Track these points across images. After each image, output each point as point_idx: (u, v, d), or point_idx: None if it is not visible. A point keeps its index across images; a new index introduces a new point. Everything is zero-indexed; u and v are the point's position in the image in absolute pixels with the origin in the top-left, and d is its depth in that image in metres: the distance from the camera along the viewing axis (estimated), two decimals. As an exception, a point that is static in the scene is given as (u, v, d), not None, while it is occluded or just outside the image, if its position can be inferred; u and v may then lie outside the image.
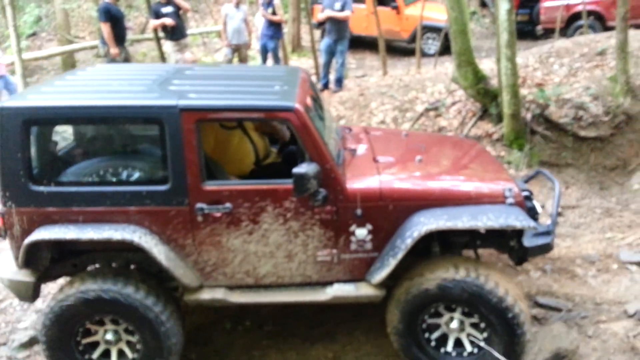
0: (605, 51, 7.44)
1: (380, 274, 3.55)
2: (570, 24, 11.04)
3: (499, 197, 3.62)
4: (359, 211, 3.53)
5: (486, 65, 7.97)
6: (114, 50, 7.80)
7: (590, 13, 10.61)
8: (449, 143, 4.73)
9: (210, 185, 3.50)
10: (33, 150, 3.48)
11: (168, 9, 8.15)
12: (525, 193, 3.80)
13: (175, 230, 3.53)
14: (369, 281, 3.65)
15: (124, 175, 3.62)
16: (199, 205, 3.47)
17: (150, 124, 3.52)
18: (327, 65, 8.76)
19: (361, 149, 4.15)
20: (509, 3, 6.31)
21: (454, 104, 7.59)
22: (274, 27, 8.83)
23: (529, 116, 6.64)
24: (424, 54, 11.29)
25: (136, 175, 3.61)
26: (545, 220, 4.35)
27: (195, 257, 3.61)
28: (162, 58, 8.61)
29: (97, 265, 3.95)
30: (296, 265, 3.66)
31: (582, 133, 6.55)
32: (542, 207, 4.86)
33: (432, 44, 12.12)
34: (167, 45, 8.38)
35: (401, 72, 9.71)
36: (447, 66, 9.36)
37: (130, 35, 9.84)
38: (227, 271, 3.67)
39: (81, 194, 3.48)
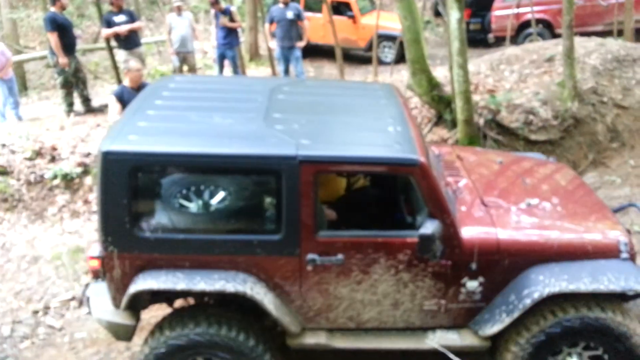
0: (553, 58, 7.68)
1: (492, 329, 3.46)
2: (520, 31, 11.37)
3: (614, 251, 3.52)
4: (473, 265, 3.42)
5: (440, 73, 8.10)
6: (62, 59, 7.58)
7: (539, 21, 10.95)
8: (545, 171, 4.46)
9: (324, 236, 3.37)
10: (139, 196, 3.31)
11: (121, 18, 7.98)
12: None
13: (284, 278, 3.41)
14: (475, 331, 3.56)
15: (235, 223, 3.48)
16: (311, 256, 3.35)
17: (267, 174, 3.35)
18: (286, 72, 8.76)
19: (463, 185, 3.94)
20: (460, 12, 6.43)
21: (410, 110, 7.68)
22: (232, 36, 8.77)
23: (481, 121, 6.77)
24: (381, 62, 11.41)
25: (247, 223, 3.49)
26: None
27: (300, 303, 3.50)
28: (115, 68, 8.43)
29: (189, 301, 3.89)
30: (401, 313, 3.57)
31: (533, 137, 6.72)
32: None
33: (389, 52, 12.28)
34: (120, 55, 8.21)
35: (359, 80, 9.78)
36: (403, 74, 9.47)
37: (81, 45, 9.62)
38: (330, 316, 3.57)
39: (189, 242, 3.34)
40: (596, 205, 3.99)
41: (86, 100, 8.04)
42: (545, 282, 3.33)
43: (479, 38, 12.54)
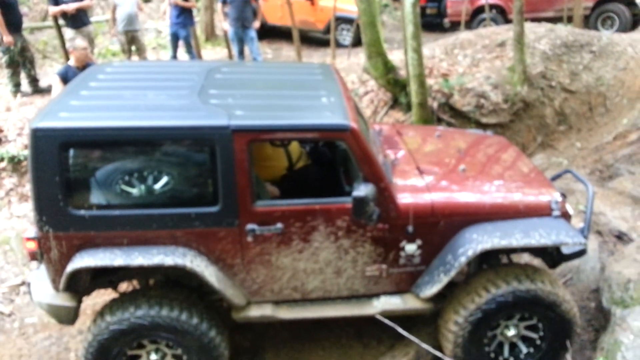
0: (505, 43, 7.86)
1: (431, 289, 3.54)
2: (475, 16, 11.56)
3: (545, 210, 3.63)
4: (410, 228, 3.49)
5: (397, 57, 8.18)
6: (7, 38, 7.28)
7: (492, 6, 11.16)
8: (483, 144, 4.58)
9: (262, 206, 3.36)
10: (71, 173, 3.21)
11: (68, -5, 7.70)
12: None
13: (224, 250, 3.40)
14: (417, 294, 3.64)
15: (171, 196, 3.40)
16: (250, 226, 3.35)
17: (201, 145, 3.31)
18: (241, 54, 8.66)
19: (401, 156, 4.03)
20: (414, -4, 6.50)
21: (366, 93, 7.74)
22: (185, 15, 8.57)
23: (435, 105, 6.91)
24: (339, 45, 11.41)
25: (184, 196, 3.41)
26: (576, 223, 4.31)
27: (244, 276, 3.50)
28: (63, 47, 8.14)
29: (133, 282, 3.84)
30: (344, 280, 3.60)
31: (484, 120, 6.90)
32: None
33: (347, 35, 12.27)
34: (68, 33, 7.94)
35: (317, 62, 9.77)
36: (361, 57, 9.52)
37: (28, 23, 9.24)
38: (274, 288, 3.58)
39: (125, 217, 3.27)
40: (531, 171, 4.15)
41: (34, 80, 7.76)
42: (479, 239, 3.44)
43: (435, 22, 12.67)
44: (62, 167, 3.17)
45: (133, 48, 8.60)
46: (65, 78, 5.69)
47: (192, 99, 3.49)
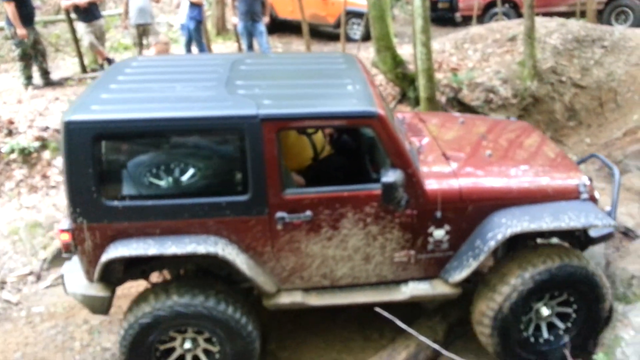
0: (516, 37, 7.79)
1: (461, 274, 3.56)
2: (487, 11, 11.46)
3: (574, 193, 3.65)
4: (438, 213, 3.51)
5: (407, 51, 8.15)
6: (20, 31, 7.35)
7: (505, 1, 11.05)
8: (507, 129, 4.57)
9: (291, 194, 3.41)
10: (104, 165, 3.29)
11: (81, -11, 7.76)
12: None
13: (255, 238, 3.46)
14: (446, 279, 3.66)
15: (202, 186, 3.48)
16: (280, 214, 3.40)
17: (230, 135, 3.38)
18: (250, 48, 8.67)
19: (426, 142, 4.05)
20: (424, -10, 6.46)
21: (374, 87, 7.73)
22: (195, 9, 8.61)
23: (443, 99, 6.88)
24: (350, 39, 11.37)
25: (215, 186, 3.50)
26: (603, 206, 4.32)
27: (274, 264, 3.55)
28: (75, 40, 8.23)
29: (165, 271, 3.92)
30: (373, 267, 3.64)
31: (493, 115, 6.85)
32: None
33: (357, 29, 12.23)
34: (80, 27, 8.01)
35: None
36: (371, 51, 9.49)
37: (41, 16, 9.33)
38: (304, 275, 3.63)
39: (158, 208, 3.34)
40: (557, 155, 4.14)
41: (45, 73, 7.84)
42: (508, 223, 3.44)
43: (447, 17, 12.59)
44: (95, 159, 3.23)
45: (145, 42, 8.65)
46: None
47: (219, 90, 3.55)
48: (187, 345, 3.65)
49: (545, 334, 3.78)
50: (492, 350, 3.72)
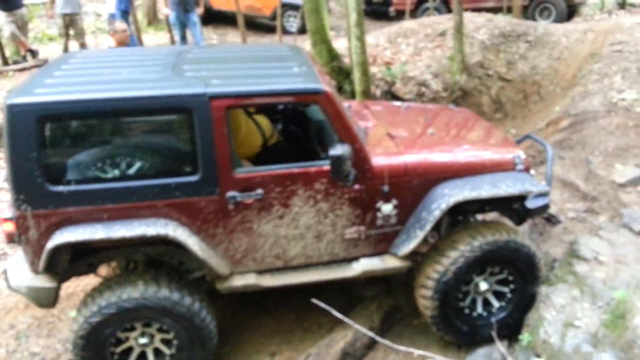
0: (446, 32, 8.04)
1: (409, 246, 3.68)
2: (419, 6, 11.74)
3: (510, 165, 3.87)
4: (385, 188, 3.61)
5: (342, 44, 8.23)
6: None
7: (436, -4, 11.36)
8: (447, 113, 4.78)
9: (241, 173, 3.39)
10: (48, 149, 3.14)
11: (-1, -24, 7.35)
12: None
13: (206, 220, 3.40)
14: (395, 254, 3.76)
15: (150, 168, 3.38)
16: (231, 193, 3.37)
17: (178, 114, 3.31)
18: (184, 39, 8.50)
19: (371, 125, 4.15)
20: (357, -16, 6.54)
21: (310, 81, 7.77)
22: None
23: (378, 92, 7.01)
24: (286, 32, 11.37)
25: (162, 167, 3.40)
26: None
27: (226, 245, 3.52)
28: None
29: (112, 264, 3.87)
30: (324, 245, 3.68)
31: (426, 108, 7.06)
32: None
33: (294, 22, 12.23)
34: (0, 17, 7.58)
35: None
36: (307, 44, 9.54)
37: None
38: (257, 256, 3.61)
39: (105, 191, 3.22)
40: (494, 133, 4.40)
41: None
42: (451, 193, 3.64)
43: (381, 11, 12.79)
44: (39, 143, 3.15)
45: (71, 32, 8.30)
46: None
47: (166, 73, 3.53)
48: (142, 340, 3.60)
49: (480, 309, 4.00)
50: (429, 314, 3.88)
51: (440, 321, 3.88)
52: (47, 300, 3.51)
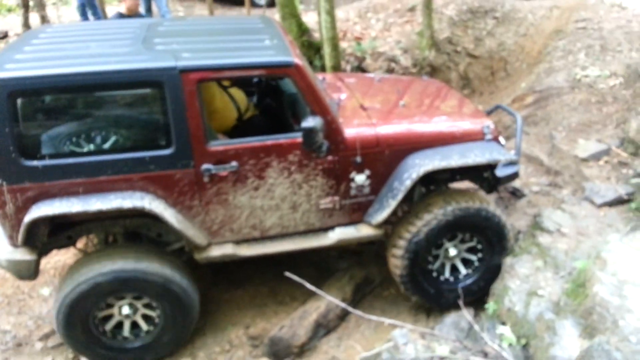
0: (415, 7, 8.05)
1: (382, 215, 3.77)
2: (389, -20, 11.67)
3: (479, 135, 3.96)
4: (358, 159, 3.68)
5: (312, 18, 8.17)
6: None
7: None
8: (419, 85, 4.85)
9: (215, 146, 3.40)
10: (21, 124, 3.14)
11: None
12: None
13: (182, 192, 3.43)
14: (369, 222, 3.84)
15: (124, 142, 3.40)
16: (205, 166, 3.39)
17: (149, 88, 3.31)
18: (149, 11, 8.31)
19: (344, 97, 4.17)
20: (326, -44, 6.48)
21: (280, 56, 7.71)
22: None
23: (348, 68, 7.02)
24: (254, 5, 11.15)
25: (137, 141, 3.43)
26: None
27: (203, 217, 3.55)
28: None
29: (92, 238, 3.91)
30: (300, 215, 3.74)
31: (395, 84, 7.10)
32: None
33: (263, -5, 12.04)
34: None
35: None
36: (276, 18, 9.43)
37: None
38: (234, 227, 3.66)
39: (79, 165, 3.23)
40: (464, 104, 4.52)
41: None
42: (421, 163, 3.75)
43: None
44: (12, 118, 3.15)
45: (31, 3, 8.00)
46: None
47: (136, 47, 3.52)
48: (126, 311, 3.66)
49: (447, 274, 4.16)
50: (398, 273, 4.01)
51: (408, 281, 4.02)
52: (28, 272, 3.55)
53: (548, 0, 8.36)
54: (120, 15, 6.15)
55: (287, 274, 3.48)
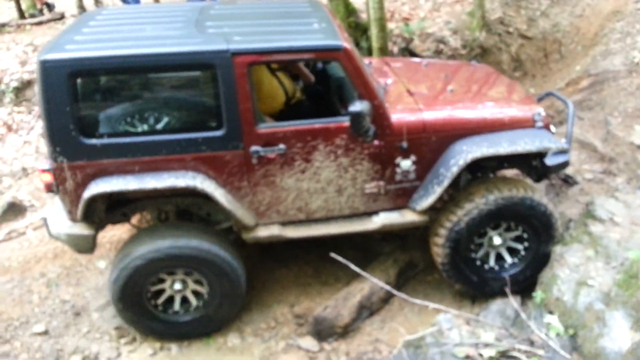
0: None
1: (427, 201, 3.78)
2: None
3: (529, 122, 3.89)
4: (404, 144, 3.69)
5: (359, -1, 8.10)
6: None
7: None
8: (468, 70, 4.77)
9: (264, 128, 3.50)
10: (81, 103, 3.31)
11: None
12: None
13: (231, 173, 3.55)
14: (414, 208, 3.86)
15: (177, 122, 3.56)
16: (254, 148, 3.49)
17: (202, 70, 3.43)
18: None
19: (391, 82, 4.18)
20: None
21: (327, 36, 7.68)
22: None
23: (395, 49, 6.94)
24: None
25: (189, 122, 3.59)
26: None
27: (251, 198, 3.66)
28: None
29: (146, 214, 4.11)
30: (345, 199, 3.80)
31: (444, 65, 6.98)
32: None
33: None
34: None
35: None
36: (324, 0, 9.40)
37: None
38: (280, 209, 3.76)
39: (136, 144, 3.38)
40: (514, 89, 4.41)
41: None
42: (468, 150, 3.70)
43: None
44: (72, 97, 3.29)
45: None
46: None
47: (190, 30, 3.61)
48: (177, 286, 3.80)
49: (492, 262, 4.10)
50: (439, 260, 4.00)
51: (450, 268, 4.01)
52: (86, 246, 3.73)
53: (607, -21, 7.98)
54: None
55: (333, 254, 3.53)
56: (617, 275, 3.64)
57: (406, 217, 3.93)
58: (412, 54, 7.01)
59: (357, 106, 3.41)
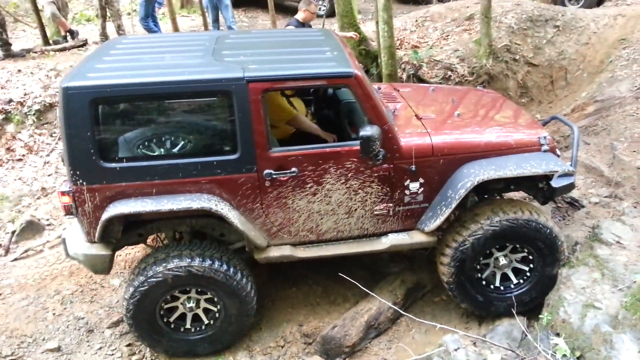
0: (473, 16, 8.04)
1: (435, 222, 3.86)
2: (447, -11, 11.64)
3: (535, 145, 3.99)
4: (413, 167, 3.79)
5: (370, 27, 8.30)
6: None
7: (465, -21, 11.25)
8: (474, 95, 4.93)
9: (277, 152, 3.63)
10: (101, 128, 3.46)
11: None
12: None
13: (245, 195, 3.68)
14: (422, 229, 3.95)
15: (193, 147, 3.70)
16: (267, 171, 3.62)
17: (218, 97, 3.58)
18: (216, 21, 8.65)
19: (400, 106, 4.32)
20: (386, -32, 6.60)
21: (338, 64, 7.86)
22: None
23: (404, 76, 7.09)
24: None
25: (205, 146, 3.72)
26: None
27: (263, 219, 3.79)
28: (36, 10, 8.04)
29: (161, 235, 4.22)
30: (355, 220, 3.90)
31: (452, 92, 7.11)
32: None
33: (322, 5, 12.27)
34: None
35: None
36: (336, 27, 9.61)
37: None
38: (291, 230, 3.87)
39: (153, 168, 3.52)
40: (520, 114, 4.51)
41: (6, 44, 7.63)
42: (476, 173, 3.78)
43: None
44: (93, 123, 3.42)
45: (109, 13, 8.50)
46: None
47: (207, 58, 3.76)
48: (190, 304, 3.91)
49: (497, 282, 4.16)
50: (445, 279, 4.07)
51: (455, 288, 4.06)
52: (102, 266, 3.83)
53: (612, 8, 8.14)
54: (297, 23, 6.47)
55: (341, 274, 3.60)
56: (624, 298, 3.65)
57: (414, 238, 4.01)
58: (421, 80, 7.17)
59: (368, 131, 3.53)
